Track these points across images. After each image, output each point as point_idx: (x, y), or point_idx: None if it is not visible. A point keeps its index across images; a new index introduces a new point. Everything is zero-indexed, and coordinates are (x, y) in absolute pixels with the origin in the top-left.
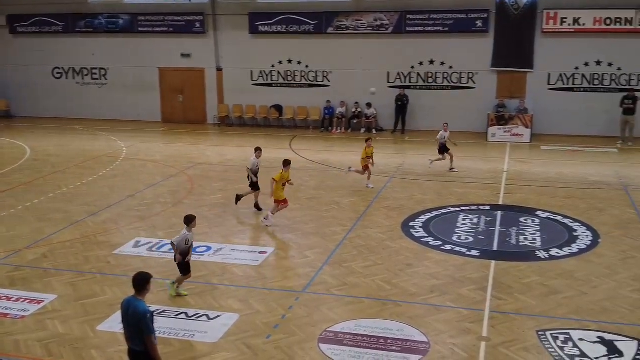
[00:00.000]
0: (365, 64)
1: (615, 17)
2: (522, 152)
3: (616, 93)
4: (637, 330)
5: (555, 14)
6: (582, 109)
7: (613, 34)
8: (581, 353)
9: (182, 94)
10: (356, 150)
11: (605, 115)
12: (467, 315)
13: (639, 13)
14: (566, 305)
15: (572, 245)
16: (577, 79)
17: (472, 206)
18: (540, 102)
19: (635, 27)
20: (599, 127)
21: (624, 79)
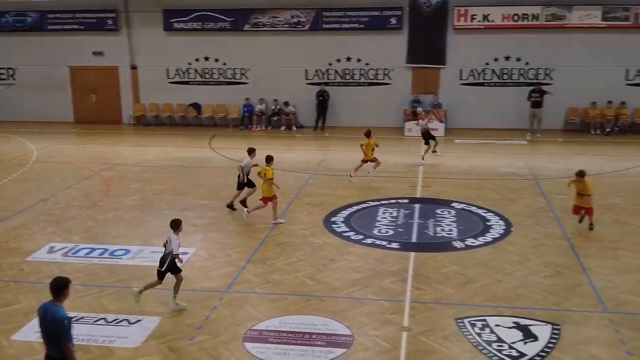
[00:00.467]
0: (283, 60)
1: (522, 13)
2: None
3: (524, 87)
4: (550, 314)
5: (465, 11)
6: (493, 102)
7: (521, 29)
8: (498, 338)
9: (95, 94)
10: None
11: (514, 109)
12: (389, 306)
13: (545, 9)
14: (482, 293)
15: (487, 234)
16: (487, 74)
17: (391, 200)
18: (453, 97)
19: (541, 23)
20: (509, 120)
21: (532, 73)
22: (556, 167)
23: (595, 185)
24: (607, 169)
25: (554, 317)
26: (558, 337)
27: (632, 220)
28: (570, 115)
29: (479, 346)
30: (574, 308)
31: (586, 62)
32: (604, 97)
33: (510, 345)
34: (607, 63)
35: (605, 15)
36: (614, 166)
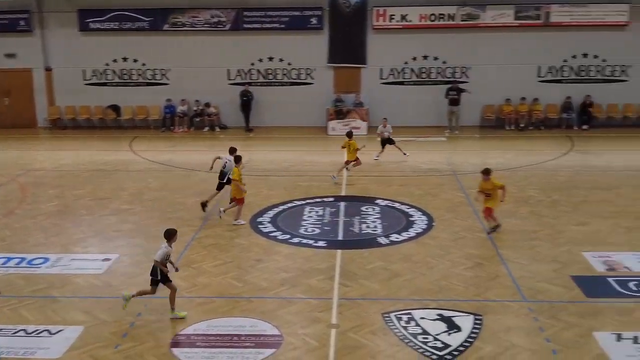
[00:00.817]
0: (204, 61)
1: (439, 13)
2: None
3: (442, 85)
4: (472, 305)
5: (384, 11)
6: (413, 101)
7: (438, 29)
8: (423, 331)
9: (7, 97)
10: (200, 148)
11: (433, 107)
12: (317, 304)
13: (460, 9)
14: (407, 287)
15: (410, 229)
16: (406, 73)
17: (316, 199)
18: (374, 96)
19: (457, 23)
20: (429, 117)
21: (449, 72)
22: (474, 162)
23: (511, 178)
24: (522, 163)
25: (476, 307)
26: (480, 327)
27: (546, 211)
28: (486, 112)
29: (405, 339)
30: (494, 298)
31: (500, 61)
32: (517, 94)
33: (435, 337)
34: (520, 61)
35: (518, 15)
36: (528, 160)
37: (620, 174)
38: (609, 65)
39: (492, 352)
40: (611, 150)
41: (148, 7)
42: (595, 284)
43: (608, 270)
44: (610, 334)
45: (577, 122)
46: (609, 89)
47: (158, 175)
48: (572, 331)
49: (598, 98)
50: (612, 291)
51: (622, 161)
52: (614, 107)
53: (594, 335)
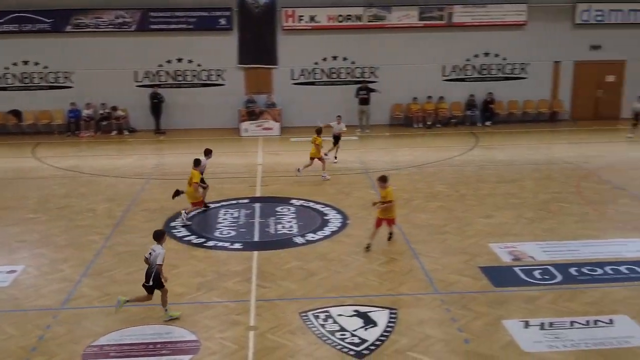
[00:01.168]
0: (110, 62)
1: (346, 14)
2: (274, 144)
3: (352, 85)
4: (386, 300)
5: (293, 11)
6: (324, 101)
7: (346, 30)
8: (340, 327)
9: None
10: (109, 153)
11: (344, 106)
12: (235, 307)
13: (366, 10)
14: (324, 285)
15: (325, 228)
16: (317, 73)
17: (231, 200)
18: (286, 97)
19: (364, 24)
20: None
21: (358, 72)
22: (385, 160)
23: (420, 175)
24: (430, 159)
25: (391, 302)
26: (395, 321)
27: (454, 205)
28: (394, 111)
29: (323, 337)
30: (408, 292)
31: (407, 60)
32: (424, 92)
33: (352, 333)
34: (425, 60)
35: (422, 15)
36: (436, 156)
37: (522, 168)
38: (509, 64)
39: (408, 344)
40: (513, 145)
41: (49, 8)
42: (503, 274)
43: (514, 260)
44: (518, 322)
45: (481, 119)
46: (509, 86)
47: (64, 182)
48: (482, 320)
49: (499, 95)
50: (518, 280)
51: (524, 155)
52: (515, 103)
53: (502, 324)
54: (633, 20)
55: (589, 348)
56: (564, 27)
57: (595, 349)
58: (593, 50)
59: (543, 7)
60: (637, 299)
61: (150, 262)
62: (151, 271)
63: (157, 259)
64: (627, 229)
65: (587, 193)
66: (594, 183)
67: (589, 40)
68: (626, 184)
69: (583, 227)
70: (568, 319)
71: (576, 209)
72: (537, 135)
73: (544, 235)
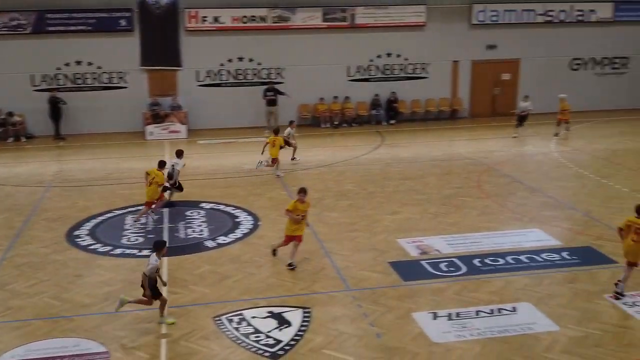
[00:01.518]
0: (4, 67)
1: (250, 15)
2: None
3: (259, 86)
4: (300, 299)
5: (196, 12)
6: (231, 102)
7: (251, 31)
8: (255, 330)
9: None
10: (5, 161)
11: (251, 108)
12: (145, 316)
13: (271, 11)
14: (237, 288)
15: (236, 230)
16: (223, 74)
17: (138, 206)
18: (192, 99)
19: (269, 24)
20: (247, 118)
21: (265, 73)
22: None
23: (330, 174)
24: (338, 159)
25: (304, 301)
26: (309, 320)
27: (363, 203)
28: (302, 112)
29: (238, 340)
30: (321, 290)
31: (312, 61)
32: (330, 93)
33: (266, 334)
34: (330, 61)
35: (326, 17)
36: (344, 156)
37: (426, 164)
38: (411, 64)
39: (322, 342)
40: (417, 143)
41: None
42: (411, 268)
43: (421, 254)
44: (427, 314)
45: (385, 118)
46: (411, 86)
47: None
48: (393, 314)
49: (402, 94)
50: (425, 273)
51: (427, 152)
52: (417, 102)
53: (412, 316)
54: (526, 20)
55: (494, 336)
56: (461, 28)
57: (500, 336)
58: (489, 49)
59: (441, 8)
60: (537, 287)
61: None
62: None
63: (146, 268)
64: (526, 219)
65: (487, 187)
66: (494, 177)
67: (485, 40)
68: (523, 177)
69: (485, 219)
70: (474, 308)
71: (478, 203)
72: (439, 133)
73: (448, 229)
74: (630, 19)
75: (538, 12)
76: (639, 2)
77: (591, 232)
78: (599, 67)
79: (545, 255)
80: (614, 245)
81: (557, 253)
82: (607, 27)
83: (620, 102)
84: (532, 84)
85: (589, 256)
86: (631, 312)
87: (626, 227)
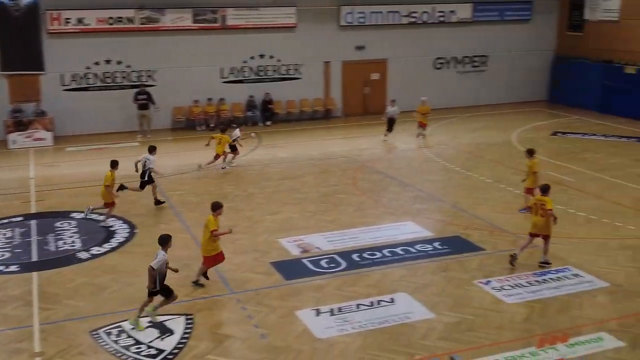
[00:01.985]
0: None
1: (117, 16)
2: (48, 156)
3: (129, 89)
4: (182, 306)
5: (58, 14)
6: (100, 107)
7: (118, 33)
8: (136, 341)
9: None
10: None
11: (122, 112)
12: (15, 335)
13: (138, 12)
14: (115, 299)
15: (112, 240)
16: (90, 78)
17: (2, 220)
18: (58, 104)
19: (137, 26)
20: (118, 123)
21: (135, 76)
22: (169, 164)
23: (208, 177)
24: (217, 161)
25: (187, 307)
26: (192, 326)
27: (243, 205)
28: (176, 114)
29: (118, 353)
30: (203, 295)
31: (185, 63)
32: (204, 94)
33: (148, 345)
34: (203, 63)
35: (196, 18)
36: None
37: (303, 164)
38: (284, 65)
39: (207, 348)
40: (294, 143)
41: None
42: (292, 267)
43: (302, 253)
44: (310, 311)
45: (261, 119)
46: (286, 87)
47: None
48: (277, 314)
49: (277, 95)
50: (307, 271)
51: (304, 152)
52: (292, 103)
53: (296, 314)
54: (392, 21)
55: (374, 327)
56: (331, 29)
57: (380, 327)
58: (358, 50)
59: (311, 9)
60: (412, 277)
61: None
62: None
63: (154, 263)
64: (399, 213)
65: (362, 184)
66: (368, 174)
67: (354, 41)
68: (395, 173)
69: (361, 215)
70: (354, 302)
71: (354, 199)
72: (315, 133)
73: (327, 226)
74: (487, 19)
75: (403, 13)
76: (495, 3)
77: (459, 222)
78: (460, 65)
79: (418, 247)
80: (480, 233)
81: (430, 244)
82: (467, 27)
83: (481, 99)
84: (400, 83)
85: (459, 245)
86: (500, 296)
87: (534, 205)
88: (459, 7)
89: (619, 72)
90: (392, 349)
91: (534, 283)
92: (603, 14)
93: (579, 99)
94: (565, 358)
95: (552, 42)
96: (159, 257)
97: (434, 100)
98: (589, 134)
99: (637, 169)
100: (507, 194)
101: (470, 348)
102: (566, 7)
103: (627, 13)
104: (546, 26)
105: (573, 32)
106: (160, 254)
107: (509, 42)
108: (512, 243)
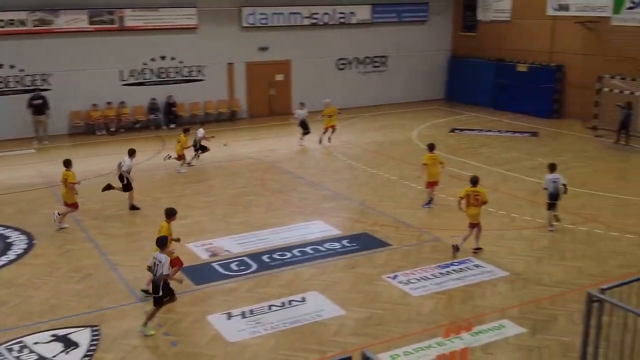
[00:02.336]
0: None
1: (8, 19)
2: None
3: (23, 94)
4: (87, 318)
5: None
6: None
7: (10, 35)
8: (39, 357)
9: None
10: None
11: (16, 118)
12: None
13: (31, 15)
14: (14, 314)
15: (8, 252)
16: None
17: None
18: None
19: (30, 28)
20: (12, 129)
21: (29, 80)
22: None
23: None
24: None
25: (92, 319)
26: (99, 338)
27: (150, 211)
28: (74, 119)
29: None
30: (109, 305)
31: (82, 65)
32: (103, 98)
33: (52, 359)
34: (101, 65)
35: (92, 19)
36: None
37: (210, 166)
38: (186, 67)
39: (114, 359)
40: None
41: None
42: (202, 272)
43: (211, 257)
44: (221, 315)
45: (165, 122)
46: (189, 89)
47: None
48: (188, 320)
49: (181, 98)
50: (217, 275)
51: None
52: (196, 105)
53: (207, 319)
54: (294, 22)
55: (287, 327)
56: (232, 30)
57: (293, 327)
58: (261, 51)
59: (212, 10)
60: (322, 275)
61: (154, 271)
62: (158, 282)
63: (163, 269)
64: (308, 213)
65: (271, 184)
66: (276, 174)
67: (257, 42)
68: (303, 173)
69: (271, 216)
70: (266, 303)
71: (263, 200)
72: (220, 134)
73: (237, 229)
74: (386, 20)
75: (304, 14)
76: (393, 5)
77: (366, 220)
78: (362, 66)
79: (327, 245)
80: (386, 229)
81: (338, 242)
82: (366, 28)
83: (382, 99)
84: (304, 83)
85: (366, 242)
86: (407, 290)
87: (465, 196)
88: (358, 9)
89: (511, 70)
90: (304, 347)
91: (438, 275)
92: (495, 14)
93: (474, 97)
94: (470, 346)
95: (448, 42)
96: (163, 261)
97: (338, 101)
98: (485, 130)
99: (530, 162)
100: (410, 190)
101: (381, 342)
102: (460, 8)
103: (518, 13)
104: (442, 27)
105: (467, 32)
106: (163, 257)
107: (407, 43)
108: (417, 237)
